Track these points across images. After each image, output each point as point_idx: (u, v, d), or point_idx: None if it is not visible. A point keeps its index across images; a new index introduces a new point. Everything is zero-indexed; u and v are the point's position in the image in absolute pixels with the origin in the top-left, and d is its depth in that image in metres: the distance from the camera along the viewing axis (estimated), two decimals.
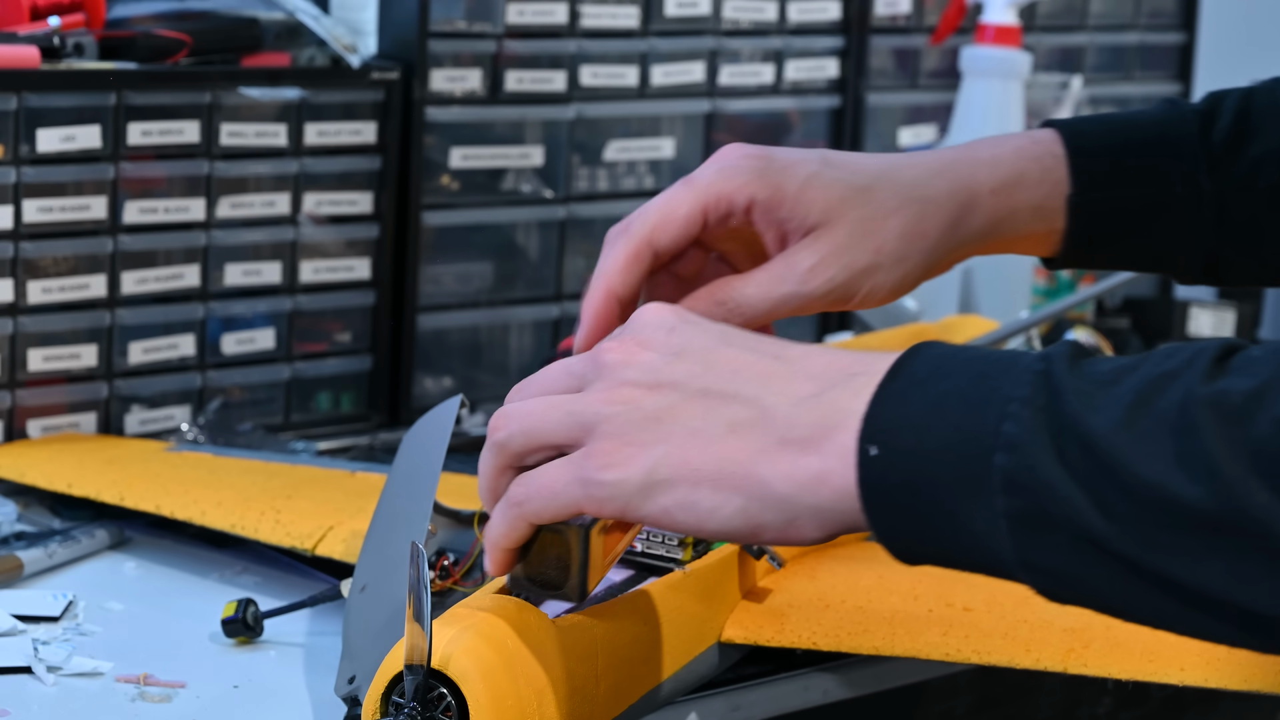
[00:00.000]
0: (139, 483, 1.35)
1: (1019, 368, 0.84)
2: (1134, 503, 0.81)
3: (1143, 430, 0.81)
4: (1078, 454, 0.81)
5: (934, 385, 0.85)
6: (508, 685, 0.91)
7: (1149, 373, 0.83)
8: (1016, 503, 0.82)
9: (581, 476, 0.90)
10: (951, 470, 0.83)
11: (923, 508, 0.84)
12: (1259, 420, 0.79)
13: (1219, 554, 0.80)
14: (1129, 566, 0.81)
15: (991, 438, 0.83)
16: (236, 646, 1.19)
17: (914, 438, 0.84)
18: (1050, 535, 0.82)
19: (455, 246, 1.69)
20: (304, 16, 1.61)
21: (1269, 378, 0.81)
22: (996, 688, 1.28)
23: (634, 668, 1.04)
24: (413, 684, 0.90)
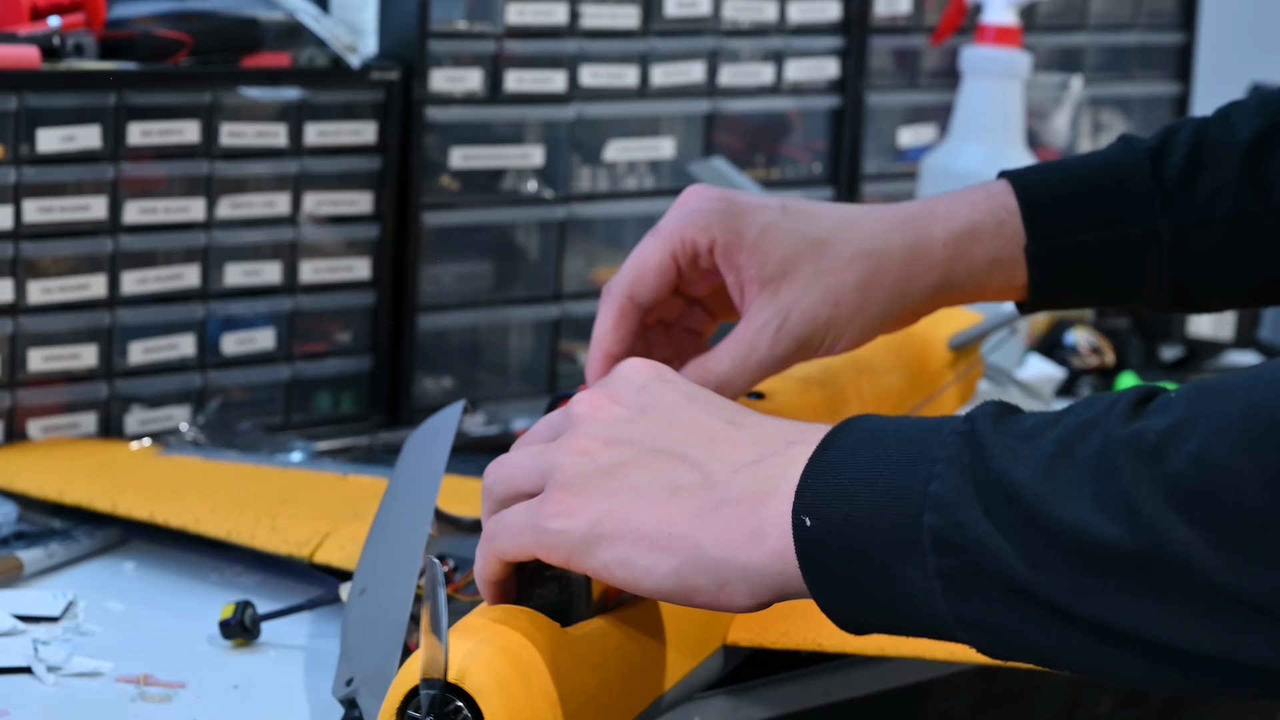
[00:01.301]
0: (131, 489, 1.34)
1: (945, 430, 0.86)
2: (1059, 549, 0.81)
3: (1064, 477, 0.82)
4: (1003, 507, 0.82)
5: (863, 454, 0.87)
6: (524, 698, 0.91)
7: (1070, 423, 0.84)
8: (948, 561, 0.83)
9: (534, 523, 0.93)
10: (883, 535, 0.85)
11: (859, 573, 0.86)
12: (1174, 457, 0.80)
13: (1144, 594, 0.80)
14: (1061, 615, 0.82)
15: (919, 498, 0.84)
16: (235, 647, 1.19)
17: (846, 505, 0.86)
18: (983, 591, 0.83)
19: (455, 246, 1.69)
20: (304, 16, 1.61)
21: (1183, 415, 0.81)
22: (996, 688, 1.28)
23: (644, 674, 1.04)
24: (429, 698, 0.90)
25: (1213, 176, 1.19)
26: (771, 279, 1.14)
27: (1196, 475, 0.79)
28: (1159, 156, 1.20)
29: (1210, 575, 0.79)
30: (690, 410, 0.94)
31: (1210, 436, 0.79)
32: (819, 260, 1.14)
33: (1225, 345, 1.92)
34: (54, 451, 1.45)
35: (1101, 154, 1.22)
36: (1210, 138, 1.20)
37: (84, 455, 1.44)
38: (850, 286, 1.14)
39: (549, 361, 1.74)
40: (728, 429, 0.93)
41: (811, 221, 1.15)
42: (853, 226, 1.16)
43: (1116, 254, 1.19)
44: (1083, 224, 1.18)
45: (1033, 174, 1.21)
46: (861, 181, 1.95)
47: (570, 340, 1.76)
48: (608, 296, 1.15)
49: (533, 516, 0.93)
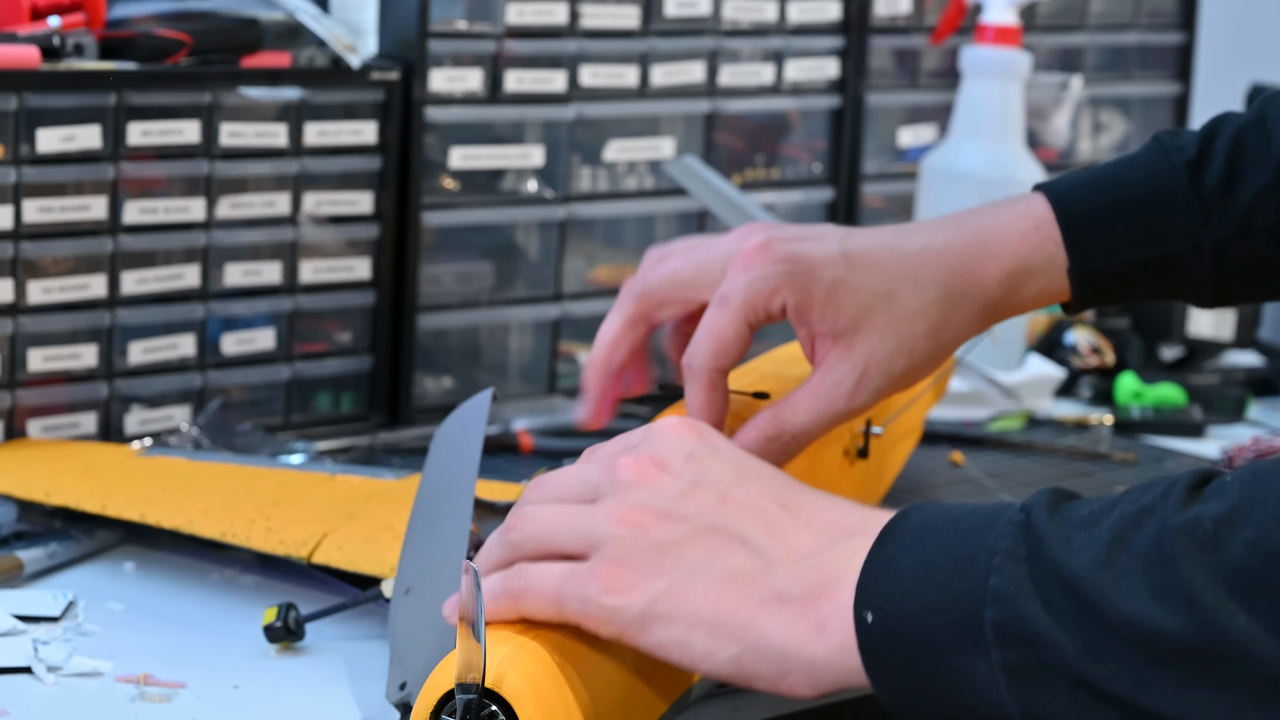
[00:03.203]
0: (119, 491, 1.34)
1: (1001, 521, 0.86)
2: (1120, 641, 0.82)
3: (1122, 567, 0.82)
4: (1063, 599, 0.83)
5: (921, 547, 0.87)
6: (559, 703, 0.91)
7: (1126, 510, 0.84)
8: (1011, 655, 0.84)
9: (582, 594, 0.93)
10: (945, 629, 0.85)
11: (922, 667, 0.86)
12: (1232, 545, 0.80)
13: (1205, 685, 0.81)
14: (1125, 707, 0.82)
15: (980, 593, 0.84)
16: (236, 646, 1.19)
17: (906, 601, 0.86)
18: (1047, 684, 0.83)
19: (455, 246, 1.69)
20: (304, 16, 1.61)
21: (1239, 501, 0.81)
22: None
23: (667, 676, 1.04)
24: (465, 702, 0.90)
25: (1251, 184, 1.20)
26: (844, 333, 1.16)
27: (1254, 563, 0.79)
28: (1197, 168, 1.21)
29: (1271, 665, 0.79)
30: (744, 487, 0.94)
31: (1267, 524, 0.80)
32: (889, 312, 1.16)
33: (1225, 345, 1.92)
34: (40, 452, 1.44)
35: (1139, 165, 1.22)
36: (1248, 144, 1.21)
37: (69, 456, 1.44)
38: (921, 335, 1.17)
39: (549, 362, 1.75)
40: (782, 513, 0.93)
41: (876, 273, 1.17)
42: (915, 275, 1.18)
43: (1159, 268, 1.20)
44: (1124, 242, 1.20)
45: (1072, 192, 1.21)
46: (861, 181, 1.95)
47: (570, 340, 1.76)
48: (691, 373, 1.15)
49: (582, 587, 0.93)
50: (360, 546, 1.24)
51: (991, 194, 1.84)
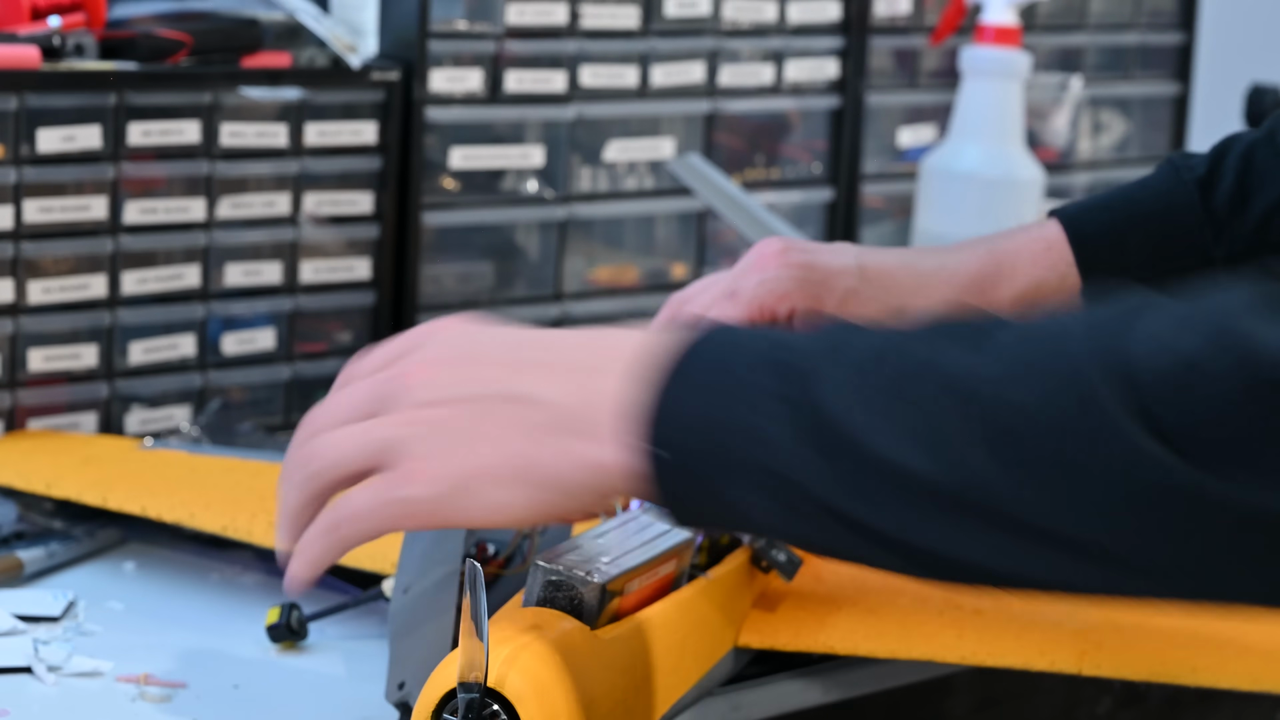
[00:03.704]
0: (121, 484, 1.34)
1: (777, 359, 0.88)
2: (884, 481, 0.83)
3: (887, 410, 0.84)
4: (828, 440, 0.84)
5: (701, 379, 0.89)
6: (561, 703, 0.92)
7: (898, 350, 0.86)
8: (780, 493, 0.86)
9: (388, 497, 0.94)
10: (727, 464, 0.87)
11: (702, 498, 0.88)
12: (982, 394, 0.82)
13: (958, 529, 0.83)
14: (887, 544, 0.85)
15: (753, 432, 0.86)
16: (236, 646, 1.19)
17: (691, 436, 0.88)
18: (814, 518, 0.86)
19: (455, 246, 1.69)
20: (304, 16, 1.61)
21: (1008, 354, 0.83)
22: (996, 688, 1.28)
23: (667, 677, 1.04)
24: (467, 701, 0.90)
25: (1262, 200, 1.21)
26: None
27: (1012, 421, 0.81)
28: (1208, 185, 1.22)
29: (1018, 513, 0.81)
30: (519, 351, 0.96)
31: (1038, 391, 0.81)
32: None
33: None
34: (42, 444, 1.44)
35: (1151, 187, 1.24)
36: (1258, 160, 1.22)
37: (71, 449, 1.44)
38: None
39: None
40: (546, 354, 0.95)
41: (890, 288, 1.19)
42: (928, 293, 1.19)
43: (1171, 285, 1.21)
44: (1136, 261, 1.22)
45: (1084, 214, 1.24)
46: (861, 181, 1.95)
47: None
48: None
49: (387, 491, 0.94)
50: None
51: (991, 194, 1.85)
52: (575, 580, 1.00)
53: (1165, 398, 0.79)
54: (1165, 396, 0.79)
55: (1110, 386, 0.80)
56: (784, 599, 1.20)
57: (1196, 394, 0.79)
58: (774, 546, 1.17)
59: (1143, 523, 0.80)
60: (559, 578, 1.00)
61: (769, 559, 1.17)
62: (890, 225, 1.99)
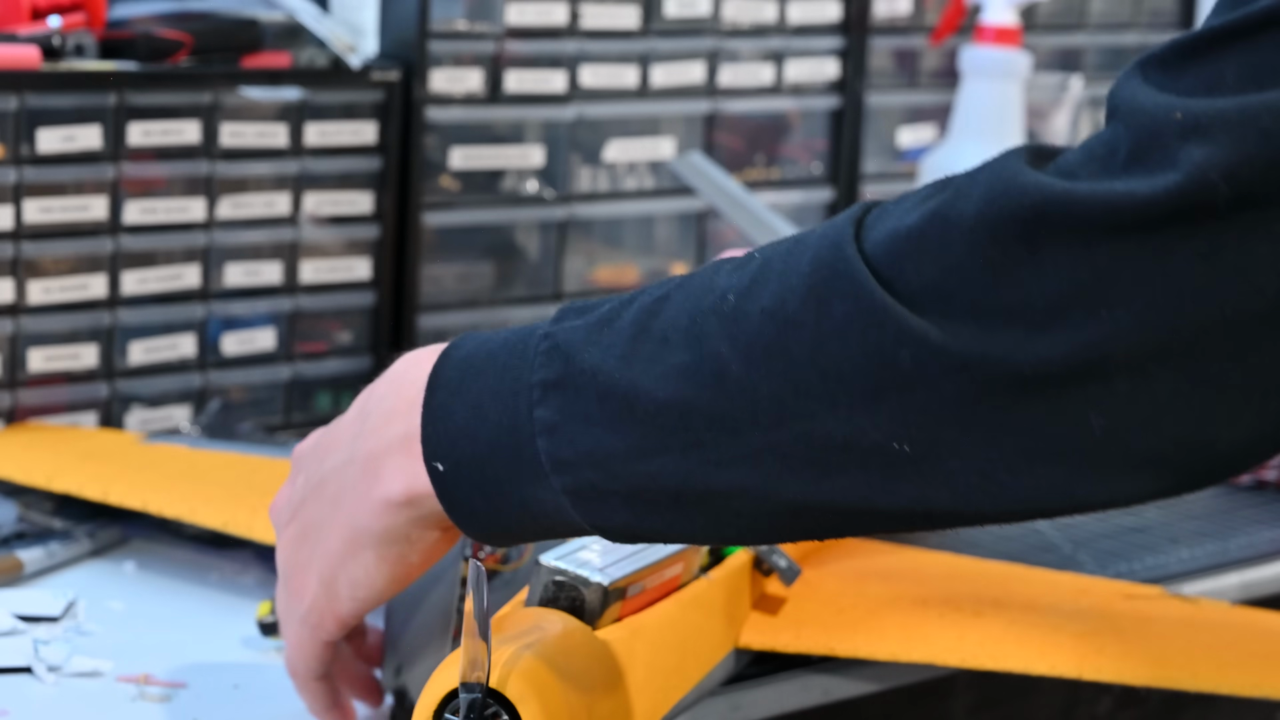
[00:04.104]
0: (121, 478, 1.34)
1: (531, 348, 0.88)
2: (659, 430, 0.83)
3: (648, 355, 0.84)
4: (601, 407, 0.85)
5: (468, 390, 0.90)
6: (562, 704, 0.92)
7: (645, 301, 0.86)
8: (568, 479, 0.86)
9: (295, 629, 1.00)
10: (507, 466, 0.88)
11: (496, 505, 0.89)
12: (750, 314, 0.82)
13: (744, 458, 0.82)
14: (678, 497, 0.84)
15: (528, 426, 0.87)
16: (236, 646, 1.19)
17: (469, 445, 0.89)
18: (605, 500, 0.86)
19: (455, 246, 1.69)
20: (304, 17, 1.61)
21: (758, 273, 0.83)
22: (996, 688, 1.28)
23: (668, 678, 1.04)
24: (468, 702, 0.90)
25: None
26: None
27: (771, 331, 0.81)
28: None
29: (796, 425, 0.81)
30: (315, 441, 0.99)
31: (783, 292, 0.81)
32: None
33: None
34: (43, 438, 1.44)
35: None
36: None
37: (72, 442, 1.44)
38: None
39: None
40: (353, 424, 0.97)
41: None
42: None
43: None
44: None
45: None
46: (861, 181, 1.95)
47: None
48: None
49: (291, 617, 1.00)
50: None
51: None
52: (578, 581, 1.00)
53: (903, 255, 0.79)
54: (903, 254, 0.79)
55: (846, 258, 0.79)
56: (784, 601, 1.20)
57: (932, 248, 0.78)
58: (774, 551, 1.17)
59: (904, 401, 0.78)
60: (562, 578, 1.00)
61: (769, 563, 1.17)
62: None
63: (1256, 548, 1.44)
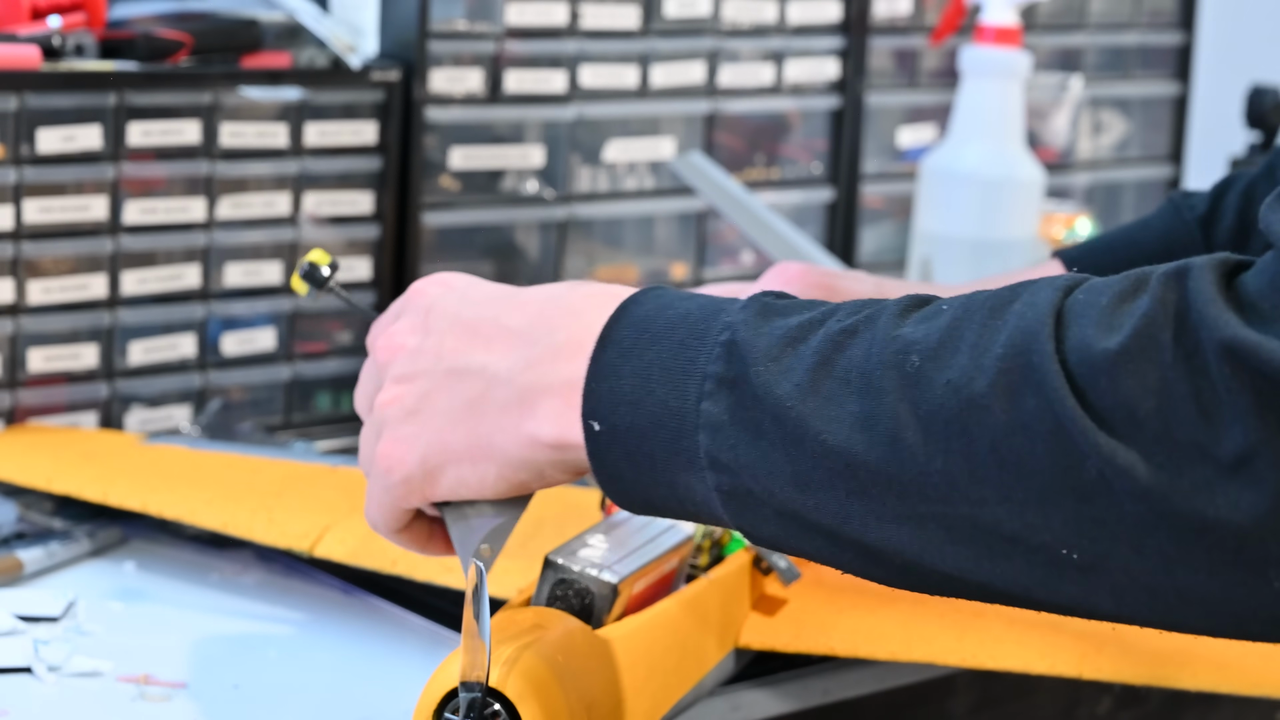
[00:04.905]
0: (121, 479, 1.34)
1: (712, 337, 0.87)
2: (824, 470, 0.82)
3: (828, 393, 0.83)
4: (772, 427, 0.84)
5: (640, 356, 0.88)
6: (562, 704, 0.92)
7: (832, 329, 0.84)
8: (723, 479, 0.85)
9: (378, 492, 0.97)
10: (665, 446, 0.86)
11: (646, 480, 0.88)
12: (935, 383, 0.80)
13: (906, 519, 0.81)
14: (830, 536, 0.84)
15: (693, 416, 0.85)
16: (236, 647, 1.19)
17: (629, 414, 0.87)
18: (757, 509, 0.85)
19: (455, 246, 1.69)
20: (304, 17, 1.61)
21: (946, 335, 0.81)
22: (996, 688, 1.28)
23: (668, 677, 1.04)
24: (468, 701, 0.90)
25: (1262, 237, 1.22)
26: None
27: (954, 406, 0.80)
28: (1209, 223, 1.23)
29: (965, 507, 0.80)
30: (466, 318, 0.96)
31: (970, 369, 0.80)
32: None
33: None
34: (43, 439, 1.44)
35: (1153, 227, 1.25)
36: (1259, 197, 1.22)
37: (71, 444, 1.44)
38: None
39: None
40: (497, 330, 0.94)
41: None
42: None
43: None
44: None
45: (1086, 256, 1.25)
46: (861, 181, 1.95)
47: None
48: None
49: (375, 480, 0.97)
50: (363, 540, 1.24)
51: (991, 194, 1.85)
52: (587, 579, 1.00)
53: (1100, 372, 0.77)
54: (1101, 370, 0.77)
55: (1044, 355, 0.78)
56: (784, 600, 1.20)
57: (1131, 370, 0.77)
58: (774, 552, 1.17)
59: (1080, 511, 0.78)
60: (570, 576, 1.00)
61: (769, 563, 1.17)
62: (890, 225, 1.99)
63: None
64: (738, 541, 1.17)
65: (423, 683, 0.93)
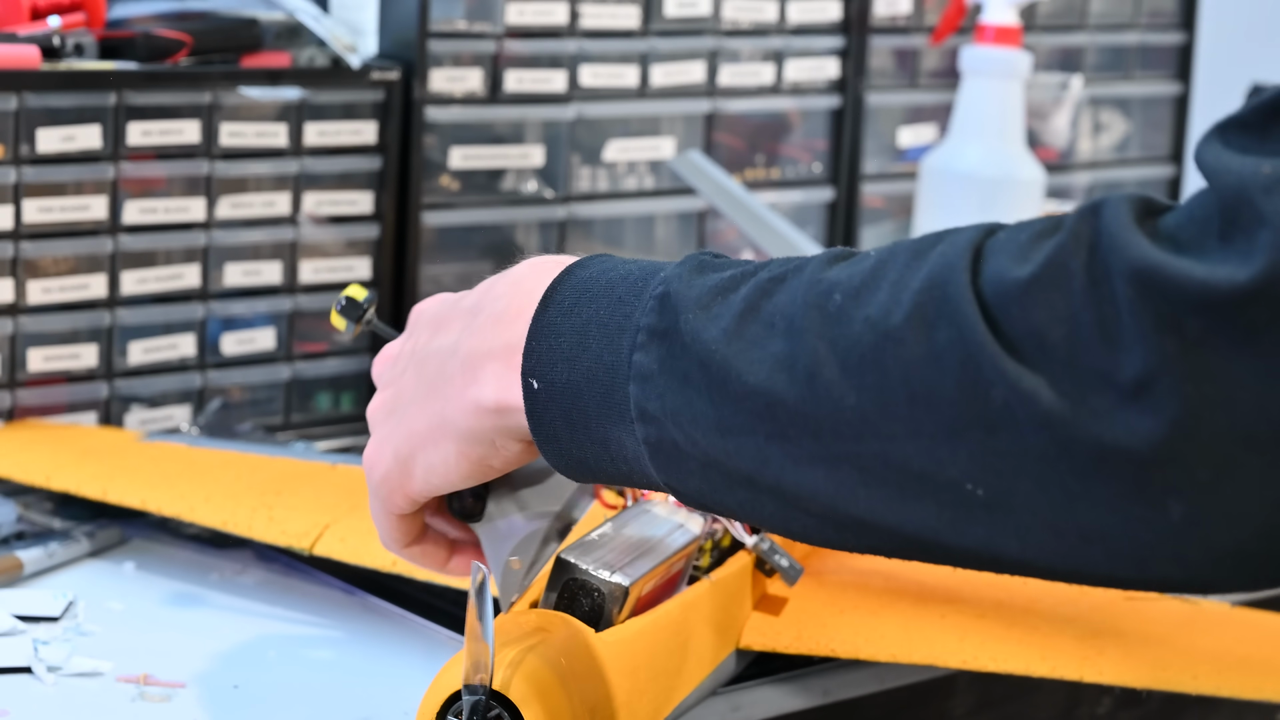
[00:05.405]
0: (120, 476, 1.34)
1: (648, 291, 0.87)
2: (745, 413, 0.82)
3: (752, 336, 0.83)
4: (697, 372, 0.84)
5: (579, 313, 0.88)
6: (565, 707, 0.92)
7: (761, 278, 0.85)
8: (651, 430, 0.85)
9: (370, 492, 0.98)
10: (598, 401, 0.87)
11: (580, 437, 0.88)
12: (854, 319, 0.80)
13: (821, 461, 0.81)
14: (749, 483, 0.84)
15: (625, 369, 0.86)
16: (236, 647, 1.19)
17: (566, 370, 0.88)
18: (683, 461, 0.85)
19: (455, 246, 1.69)
20: (304, 16, 1.61)
21: (869, 276, 0.81)
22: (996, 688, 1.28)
23: (670, 679, 1.04)
24: (471, 704, 0.90)
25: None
26: None
27: (870, 341, 0.80)
28: None
29: (877, 443, 0.80)
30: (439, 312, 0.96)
31: (888, 304, 0.80)
32: None
33: None
34: (42, 435, 1.44)
35: None
36: None
37: (71, 441, 1.44)
38: None
39: None
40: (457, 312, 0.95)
41: None
42: None
43: None
44: None
45: None
46: (861, 181, 1.95)
47: None
48: None
49: (370, 484, 0.97)
50: (363, 539, 1.24)
51: (992, 194, 1.85)
52: (598, 580, 1.00)
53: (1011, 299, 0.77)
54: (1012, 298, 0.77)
55: (959, 286, 0.78)
56: (786, 601, 1.20)
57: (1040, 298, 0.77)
58: (776, 551, 1.17)
59: (986, 443, 0.77)
60: (582, 576, 1.00)
61: (771, 563, 1.17)
62: (890, 225, 1.99)
63: None
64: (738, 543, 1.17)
65: (423, 683, 0.93)
